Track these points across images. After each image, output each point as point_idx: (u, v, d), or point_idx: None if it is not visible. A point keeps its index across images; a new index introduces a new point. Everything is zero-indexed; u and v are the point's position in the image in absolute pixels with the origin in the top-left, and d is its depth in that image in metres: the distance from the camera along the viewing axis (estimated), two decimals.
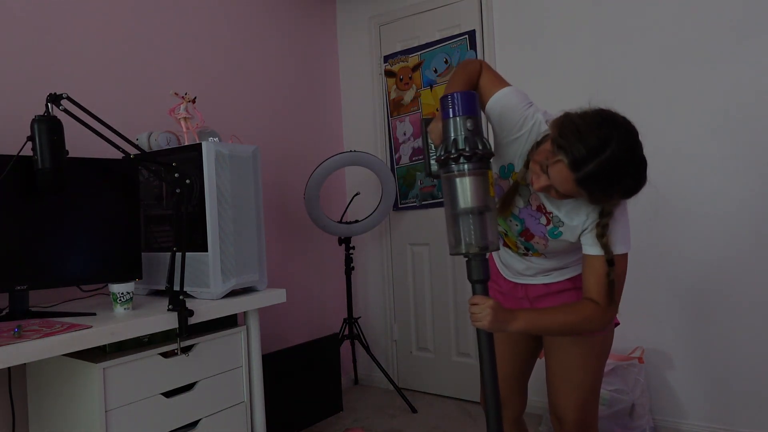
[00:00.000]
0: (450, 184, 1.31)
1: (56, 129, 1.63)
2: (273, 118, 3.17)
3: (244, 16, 3.02)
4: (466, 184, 1.29)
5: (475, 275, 1.34)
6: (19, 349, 1.37)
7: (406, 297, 3.42)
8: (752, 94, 2.34)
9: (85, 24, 2.32)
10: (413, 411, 3.05)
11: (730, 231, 2.40)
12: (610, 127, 1.22)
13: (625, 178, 1.23)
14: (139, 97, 2.49)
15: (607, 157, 1.19)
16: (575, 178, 1.22)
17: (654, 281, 2.58)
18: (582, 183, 1.23)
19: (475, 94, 1.33)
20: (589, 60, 2.70)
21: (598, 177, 1.21)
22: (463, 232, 1.30)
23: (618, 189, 1.24)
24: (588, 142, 1.20)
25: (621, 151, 1.20)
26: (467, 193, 1.29)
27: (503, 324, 1.34)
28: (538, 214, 1.47)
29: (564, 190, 1.27)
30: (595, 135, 1.20)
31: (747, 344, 2.38)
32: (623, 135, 1.22)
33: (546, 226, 1.47)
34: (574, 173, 1.22)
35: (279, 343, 3.01)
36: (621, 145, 1.20)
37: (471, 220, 1.29)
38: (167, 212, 2.01)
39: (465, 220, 1.30)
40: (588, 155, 1.19)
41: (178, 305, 1.70)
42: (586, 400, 1.60)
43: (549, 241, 1.48)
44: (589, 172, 1.20)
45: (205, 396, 1.86)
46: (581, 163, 1.20)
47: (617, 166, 1.20)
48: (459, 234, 1.31)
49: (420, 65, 3.27)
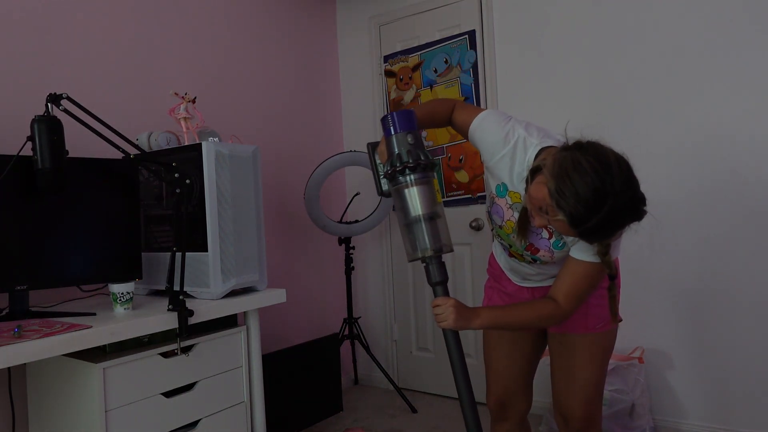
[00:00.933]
0: (400, 196, 1.40)
1: (56, 129, 1.63)
2: (273, 118, 3.17)
3: (244, 16, 3.02)
4: (414, 193, 1.37)
5: (434, 278, 1.40)
6: (19, 349, 1.37)
7: (406, 297, 3.42)
8: (753, 96, 2.34)
9: (85, 24, 2.32)
10: (413, 411, 3.05)
11: (731, 231, 2.40)
12: (605, 177, 1.19)
13: (625, 220, 1.23)
14: (139, 97, 2.49)
15: (606, 212, 1.18)
16: (578, 232, 1.24)
17: (654, 281, 2.58)
18: (584, 236, 1.25)
19: (412, 111, 1.42)
20: (589, 60, 2.70)
21: (600, 229, 1.21)
22: (418, 238, 1.38)
23: (620, 230, 1.26)
24: (586, 203, 1.18)
25: (619, 202, 1.19)
26: (416, 201, 1.37)
27: (467, 321, 1.40)
28: (538, 230, 1.49)
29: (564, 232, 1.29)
30: (591, 191, 1.18)
31: (747, 344, 2.38)
32: (619, 183, 1.19)
33: (549, 239, 1.49)
34: (575, 229, 1.23)
35: (279, 343, 3.01)
36: (618, 197, 1.18)
37: (423, 226, 1.37)
38: (167, 212, 2.01)
39: (417, 227, 1.37)
40: (587, 214, 1.19)
41: (178, 305, 1.70)
42: (592, 397, 1.62)
43: (554, 253, 1.50)
44: (591, 228, 1.21)
45: (205, 396, 1.86)
46: (581, 222, 1.20)
47: (617, 216, 1.20)
48: (414, 241, 1.39)
49: (420, 65, 3.27)
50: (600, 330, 1.59)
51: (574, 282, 1.42)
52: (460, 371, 1.39)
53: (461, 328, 1.40)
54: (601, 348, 1.61)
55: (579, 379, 1.61)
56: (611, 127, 2.65)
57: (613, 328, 1.63)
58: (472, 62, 3.06)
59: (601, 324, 1.59)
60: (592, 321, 1.58)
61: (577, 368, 1.61)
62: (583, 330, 1.59)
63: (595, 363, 1.61)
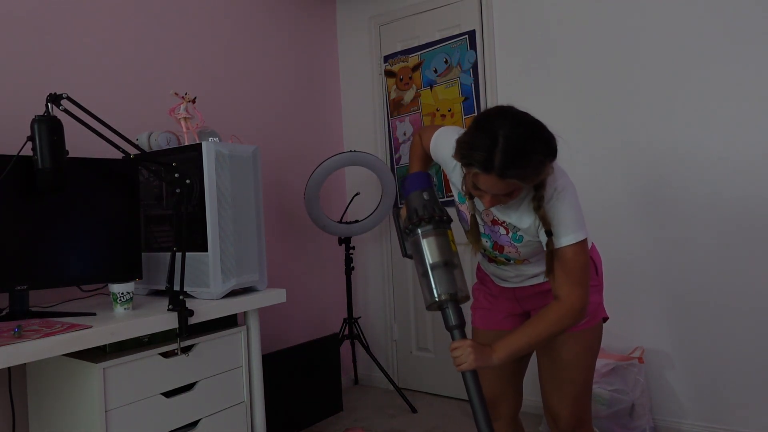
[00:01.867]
0: (417, 246, 1.49)
1: (56, 129, 1.63)
2: (273, 118, 3.17)
3: (244, 16, 3.02)
4: (431, 243, 1.46)
5: (450, 322, 1.44)
6: (19, 349, 1.37)
7: (406, 297, 3.41)
8: (753, 96, 2.34)
9: (85, 24, 2.32)
10: (413, 411, 3.05)
11: (731, 231, 2.40)
12: (490, 121, 1.32)
13: (532, 146, 1.29)
14: (139, 97, 2.49)
15: (503, 142, 1.27)
16: (497, 175, 1.29)
17: (654, 281, 2.58)
18: (504, 176, 1.29)
19: (427, 174, 1.57)
20: (589, 60, 2.70)
21: (512, 163, 1.27)
22: (434, 284, 1.44)
23: (536, 159, 1.30)
24: (481, 146, 1.29)
25: (511, 130, 1.28)
26: (433, 250, 1.46)
27: (486, 359, 1.41)
28: (495, 227, 1.55)
29: (501, 190, 1.34)
30: (484, 135, 1.30)
31: (747, 344, 2.38)
32: (505, 117, 1.31)
33: (506, 235, 1.53)
34: (492, 174, 1.29)
35: (279, 343, 3.01)
36: (508, 127, 1.28)
37: (440, 273, 1.44)
38: (167, 212, 2.01)
39: (435, 273, 1.44)
40: (489, 153, 1.27)
41: (178, 305, 1.70)
42: (580, 396, 1.62)
43: (517, 247, 1.54)
44: (502, 165, 1.27)
45: (205, 396, 1.86)
46: (489, 163, 1.28)
47: (518, 142, 1.27)
48: (431, 286, 1.44)
49: (420, 65, 3.27)
50: (585, 327, 1.59)
51: (569, 268, 1.42)
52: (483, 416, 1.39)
53: (481, 367, 1.41)
54: (587, 345, 1.62)
55: (566, 378, 1.62)
56: (611, 126, 2.65)
57: (598, 324, 1.65)
58: (472, 62, 3.06)
59: (585, 320, 1.58)
60: None
61: (564, 367, 1.62)
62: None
63: (581, 361, 1.61)
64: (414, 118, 3.32)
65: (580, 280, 1.44)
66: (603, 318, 1.68)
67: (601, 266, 1.71)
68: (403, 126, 3.37)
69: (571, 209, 1.43)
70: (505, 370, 1.73)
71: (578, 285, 1.43)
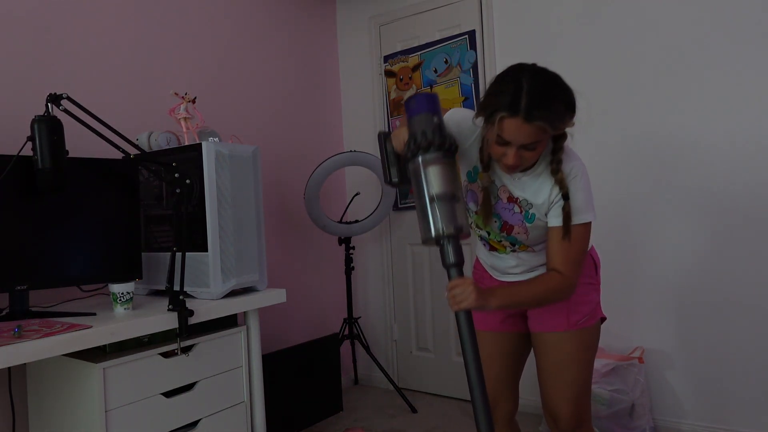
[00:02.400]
0: (417, 174, 1.39)
1: (56, 129, 1.63)
2: (273, 118, 3.17)
3: (244, 16, 3.02)
4: (437, 171, 1.36)
5: (450, 259, 1.37)
6: (19, 349, 1.37)
7: (406, 297, 3.42)
8: (753, 97, 2.34)
9: (85, 24, 2.32)
10: (413, 411, 3.05)
11: (732, 231, 2.40)
12: (514, 70, 1.37)
13: (555, 92, 1.34)
14: (139, 97, 2.49)
15: (528, 86, 1.31)
16: (523, 118, 1.30)
17: (654, 281, 2.58)
18: (529, 118, 1.30)
19: (436, 96, 1.46)
20: (589, 59, 2.70)
21: (538, 103, 1.30)
22: (435, 217, 1.35)
23: (560, 105, 1.34)
24: (507, 88, 1.33)
25: (534, 76, 1.33)
26: (438, 179, 1.36)
27: (485, 300, 1.38)
28: (510, 205, 1.54)
29: (526, 138, 1.34)
30: (508, 81, 1.34)
31: (747, 345, 2.38)
32: (526, 67, 1.36)
33: (520, 213, 1.53)
34: (518, 116, 1.30)
35: (279, 343, 3.01)
36: (530, 74, 1.34)
37: (443, 206, 1.35)
38: (167, 212, 2.01)
39: (438, 205, 1.35)
40: (515, 96, 1.30)
41: (178, 305, 1.70)
42: (580, 395, 1.62)
43: (528, 228, 1.53)
44: (528, 105, 1.29)
45: (205, 396, 1.86)
46: (516, 105, 1.30)
47: (542, 87, 1.32)
48: (431, 219, 1.36)
49: (420, 65, 3.27)
50: (582, 326, 1.60)
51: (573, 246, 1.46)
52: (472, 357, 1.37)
53: (480, 307, 1.38)
54: (585, 345, 1.62)
55: (565, 377, 1.61)
56: (611, 126, 2.65)
57: (596, 324, 1.65)
58: (472, 62, 3.06)
59: (583, 320, 1.60)
60: (574, 317, 1.60)
61: (563, 367, 1.62)
62: (564, 327, 1.60)
63: (579, 360, 1.61)
64: None
65: (583, 259, 1.50)
66: (601, 318, 1.68)
67: (600, 267, 1.71)
68: None
69: (585, 189, 1.46)
70: (503, 371, 1.73)
71: (581, 263, 1.49)
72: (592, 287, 1.64)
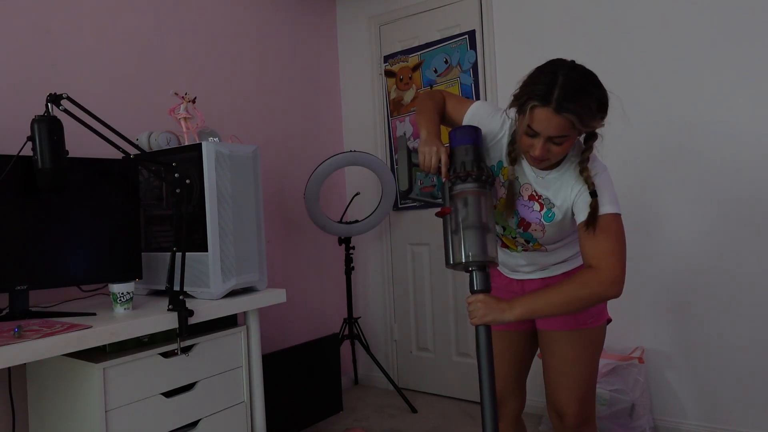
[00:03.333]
0: (455, 201, 1.43)
1: (56, 129, 1.63)
2: (273, 118, 3.17)
3: (244, 16, 3.02)
4: (474, 201, 1.42)
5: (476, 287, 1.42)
6: (19, 349, 1.37)
7: (406, 297, 3.42)
8: (753, 98, 2.34)
9: (85, 24, 2.32)
10: (413, 411, 3.05)
11: (731, 230, 2.40)
12: (552, 64, 1.40)
13: (589, 88, 1.35)
14: (139, 97, 2.49)
15: (563, 80, 1.32)
16: (554, 109, 1.31)
17: (654, 281, 2.58)
18: (560, 110, 1.31)
19: (478, 129, 1.50)
20: (590, 60, 2.68)
21: (570, 96, 1.31)
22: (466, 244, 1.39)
23: (592, 101, 1.34)
24: (542, 79, 1.35)
25: (570, 71, 1.35)
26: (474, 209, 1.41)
27: (502, 313, 1.39)
28: (530, 202, 1.53)
29: (555, 131, 1.34)
30: (544, 73, 1.36)
31: (747, 344, 2.38)
32: (564, 62, 1.39)
33: (540, 211, 1.52)
34: (549, 106, 1.31)
35: (279, 343, 3.01)
36: (567, 69, 1.36)
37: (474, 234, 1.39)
38: (167, 212, 2.01)
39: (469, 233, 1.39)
40: (549, 87, 1.32)
41: (178, 305, 1.70)
42: (585, 393, 1.64)
43: (545, 226, 1.53)
44: (560, 97, 1.31)
45: (205, 396, 1.86)
46: (548, 96, 1.31)
47: (576, 82, 1.33)
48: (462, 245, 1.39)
49: (420, 65, 3.27)
50: (589, 326, 1.61)
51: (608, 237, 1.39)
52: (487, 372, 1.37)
53: (493, 321, 1.39)
54: (591, 344, 1.63)
55: (571, 376, 1.63)
56: (612, 126, 2.65)
57: (603, 325, 1.65)
58: (472, 62, 3.06)
59: (591, 320, 1.61)
60: (582, 316, 1.59)
61: (569, 365, 1.63)
62: (573, 326, 1.60)
63: (586, 359, 1.63)
64: (414, 119, 3.32)
65: (621, 250, 1.39)
66: (607, 320, 1.68)
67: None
68: (403, 126, 3.37)
69: (610, 186, 1.45)
70: (511, 369, 1.74)
71: (618, 254, 1.38)
72: None
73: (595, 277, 1.38)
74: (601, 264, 1.38)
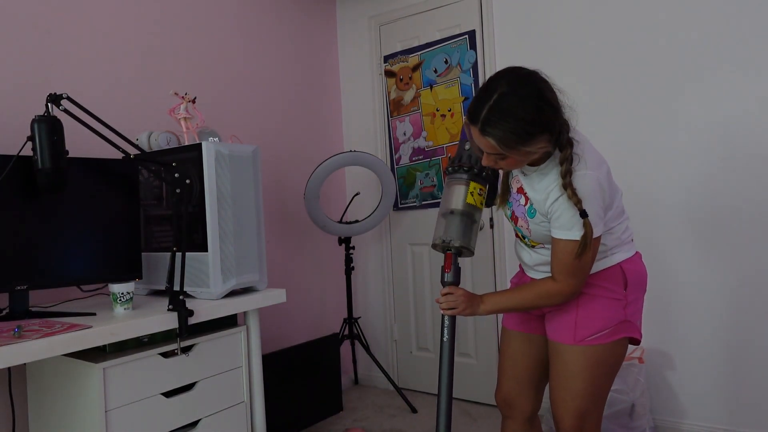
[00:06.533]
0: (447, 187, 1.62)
1: (56, 129, 1.63)
2: (273, 118, 3.17)
3: (244, 16, 3.02)
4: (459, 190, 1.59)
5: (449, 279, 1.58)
6: (19, 349, 1.37)
7: (406, 297, 3.42)
8: (753, 100, 2.34)
9: (85, 24, 2.32)
10: (413, 411, 3.05)
11: (731, 229, 2.40)
12: (497, 78, 1.35)
13: (518, 113, 1.30)
14: (139, 97, 2.49)
15: (495, 99, 1.30)
16: (479, 129, 1.33)
17: (654, 281, 2.58)
18: (484, 132, 1.33)
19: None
20: (590, 60, 2.70)
21: (492, 120, 1.31)
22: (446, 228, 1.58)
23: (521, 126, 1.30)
24: (480, 95, 1.34)
25: (508, 90, 1.31)
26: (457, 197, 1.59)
27: (474, 308, 1.54)
28: (518, 195, 1.56)
29: (484, 147, 1.38)
30: (484, 88, 1.35)
31: (747, 344, 2.38)
32: (509, 77, 1.34)
33: (524, 206, 1.53)
34: (476, 126, 1.34)
35: (279, 343, 3.01)
36: (508, 85, 1.32)
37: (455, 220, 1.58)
38: (167, 212, 2.01)
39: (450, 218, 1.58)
40: (479, 105, 1.33)
41: (178, 305, 1.70)
42: (585, 410, 1.55)
43: (529, 222, 1.52)
44: (483, 120, 1.31)
45: (205, 396, 1.86)
46: (476, 115, 1.33)
47: (507, 105, 1.30)
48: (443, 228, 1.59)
49: (420, 65, 3.27)
50: (593, 343, 1.51)
51: (559, 259, 1.45)
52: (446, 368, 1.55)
53: (469, 314, 1.53)
54: (596, 362, 1.52)
55: (570, 389, 1.54)
56: (612, 126, 2.65)
57: (614, 342, 1.52)
58: (472, 62, 3.06)
59: (593, 337, 1.51)
60: (581, 332, 1.52)
61: (567, 378, 1.54)
62: (571, 341, 1.53)
63: (588, 376, 1.52)
64: (414, 118, 3.32)
65: (573, 272, 1.45)
66: (627, 337, 1.55)
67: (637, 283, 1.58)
68: (403, 126, 3.37)
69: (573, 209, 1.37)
70: (523, 372, 1.70)
71: (569, 275, 1.46)
72: (615, 303, 1.52)
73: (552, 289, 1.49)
74: (559, 279, 1.48)
